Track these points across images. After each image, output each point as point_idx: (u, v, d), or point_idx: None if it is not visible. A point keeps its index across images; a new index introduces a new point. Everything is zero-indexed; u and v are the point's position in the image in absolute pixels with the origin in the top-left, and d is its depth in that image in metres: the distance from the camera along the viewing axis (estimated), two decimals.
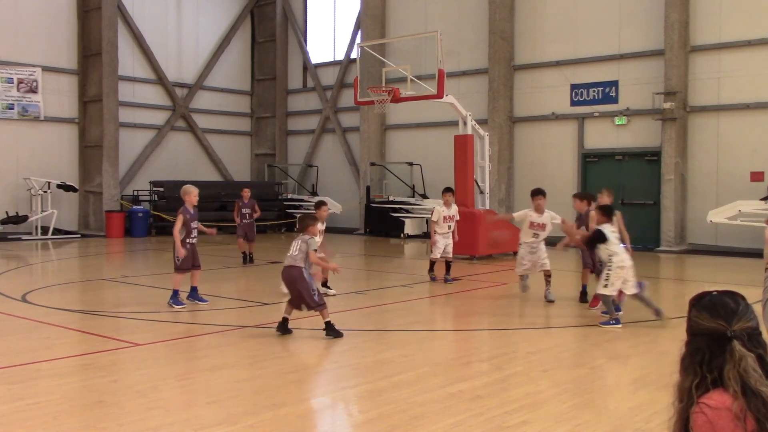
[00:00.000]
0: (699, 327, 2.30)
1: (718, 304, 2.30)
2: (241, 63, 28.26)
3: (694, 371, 2.27)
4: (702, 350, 2.26)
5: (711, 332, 2.26)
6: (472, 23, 22.20)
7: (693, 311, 2.34)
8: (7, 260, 16.38)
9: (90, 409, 5.55)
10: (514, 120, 21.63)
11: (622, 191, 19.85)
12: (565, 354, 7.59)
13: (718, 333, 2.25)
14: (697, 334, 2.30)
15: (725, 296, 2.33)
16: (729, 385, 2.17)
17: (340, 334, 7.98)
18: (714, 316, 2.27)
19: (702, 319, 2.29)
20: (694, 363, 2.27)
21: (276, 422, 5.21)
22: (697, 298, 2.36)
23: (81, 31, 23.43)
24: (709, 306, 2.31)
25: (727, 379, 2.18)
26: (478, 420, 5.19)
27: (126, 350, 7.58)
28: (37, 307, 9.91)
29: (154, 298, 11.00)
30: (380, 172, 24.52)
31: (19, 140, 22.14)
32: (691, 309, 2.35)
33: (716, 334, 2.25)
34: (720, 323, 2.25)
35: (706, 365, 2.24)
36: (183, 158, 26.23)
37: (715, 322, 2.26)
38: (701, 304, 2.33)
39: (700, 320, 2.30)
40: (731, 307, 2.28)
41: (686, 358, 2.32)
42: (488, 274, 14.13)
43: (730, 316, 2.25)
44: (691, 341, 2.32)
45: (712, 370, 2.22)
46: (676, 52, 18.10)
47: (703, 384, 2.23)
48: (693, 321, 2.33)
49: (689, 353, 2.31)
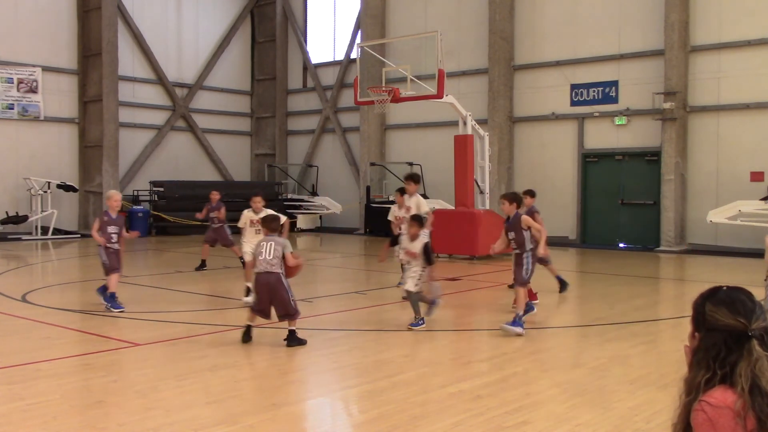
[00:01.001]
0: (717, 322, 2.25)
1: (737, 301, 2.26)
2: (241, 63, 28.26)
3: (707, 366, 2.23)
4: (718, 346, 2.22)
5: (730, 329, 2.22)
6: (472, 23, 22.20)
7: (708, 305, 2.29)
8: (7, 260, 16.38)
9: (90, 409, 5.55)
10: (514, 120, 21.63)
11: (622, 191, 19.87)
12: (565, 354, 7.59)
13: (737, 330, 2.21)
14: (714, 330, 2.25)
15: (740, 293, 2.29)
16: (738, 382, 2.15)
17: (303, 342, 7.63)
18: (733, 313, 2.23)
19: (720, 315, 2.25)
20: (708, 358, 2.23)
21: (276, 422, 5.21)
22: (711, 292, 2.32)
23: (81, 31, 23.44)
24: (727, 301, 2.27)
25: (738, 376, 2.16)
26: (478, 420, 5.19)
27: (126, 350, 7.58)
28: (37, 307, 9.90)
29: (154, 298, 11.00)
30: (380, 172, 24.52)
31: (19, 140, 22.14)
32: (705, 303, 2.30)
33: (735, 332, 2.22)
34: (740, 320, 2.22)
35: (720, 361, 2.21)
36: (183, 158, 26.23)
37: (735, 319, 2.23)
38: (717, 298, 2.29)
39: (718, 315, 2.25)
40: (749, 306, 2.25)
41: (699, 353, 2.27)
42: (488, 274, 14.13)
43: (749, 314, 2.23)
44: (706, 336, 2.27)
45: (725, 366, 2.20)
46: (676, 52, 18.10)
47: (713, 380, 2.21)
48: (709, 315, 2.27)
49: (704, 348, 2.26)
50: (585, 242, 20.31)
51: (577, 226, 20.51)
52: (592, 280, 13.96)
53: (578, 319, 9.84)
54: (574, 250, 19.19)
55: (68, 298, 11.00)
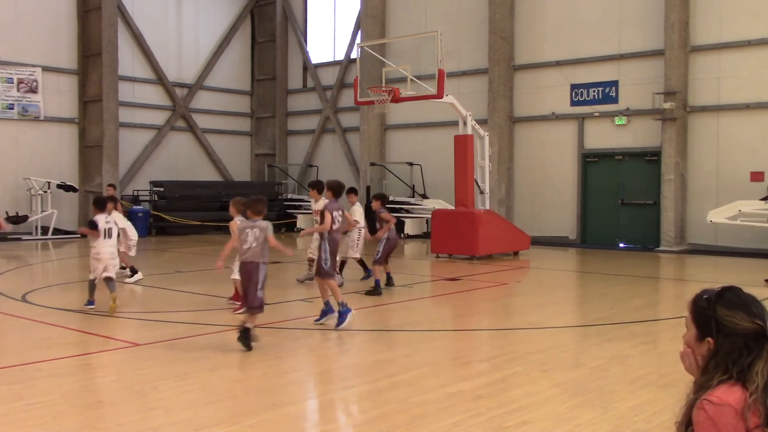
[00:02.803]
0: (736, 326, 2.24)
1: (750, 303, 2.27)
2: (241, 63, 28.26)
3: (724, 369, 2.23)
4: (739, 350, 2.23)
5: (749, 332, 2.23)
6: (472, 23, 22.20)
7: (721, 309, 2.27)
8: (7, 260, 16.38)
9: (90, 409, 5.55)
10: (514, 120, 21.63)
11: (622, 191, 19.87)
12: (565, 354, 7.59)
13: (756, 333, 2.22)
14: (734, 335, 2.25)
15: (743, 293, 2.30)
16: (754, 380, 2.16)
17: (248, 345, 7.27)
18: (750, 316, 2.24)
19: (738, 319, 2.25)
20: (727, 362, 2.23)
21: (276, 422, 5.21)
22: (718, 295, 2.31)
23: (81, 31, 23.43)
24: (740, 304, 2.27)
25: (755, 375, 2.17)
26: (478, 420, 5.19)
27: (126, 350, 7.58)
28: (37, 307, 9.90)
29: (154, 299, 11.00)
30: (380, 172, 24.51)
31: (19, 140, 22.14)
32: (714, 307, 2.29)
33: (754, 334, 2.23)
34: (758, 323, 2.23)
35: (738, 364, 2.22)
36: (183, 158, 26.23)
37: (753, 323, 2.23)
38: (727, 301, 2.28)
39: (737, 320, 2.25)
40: (760, 306, 2.26)
41: (718, 357, 2.26)
42: (488, 274, 14.13)
43: (763, 314, 2.24)
44: (725, 341, 2.25)
45: (740, 366, 2.21)
46: (676, 52, 18.10)
47: (727, 380, 2.22)
48: (727, 321, 2.26)
49: (724, 353, 2.25)
50: (585, 242, 20.31)
51: (577, 226, 20.51)
52: (592, 280, 13.96)
53: (578, 319, 9.84)
54: (574, 250, 19.19)
55: (68, 298, 10.99)
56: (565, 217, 20.65)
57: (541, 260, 16.59)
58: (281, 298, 11.34)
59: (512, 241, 17.39)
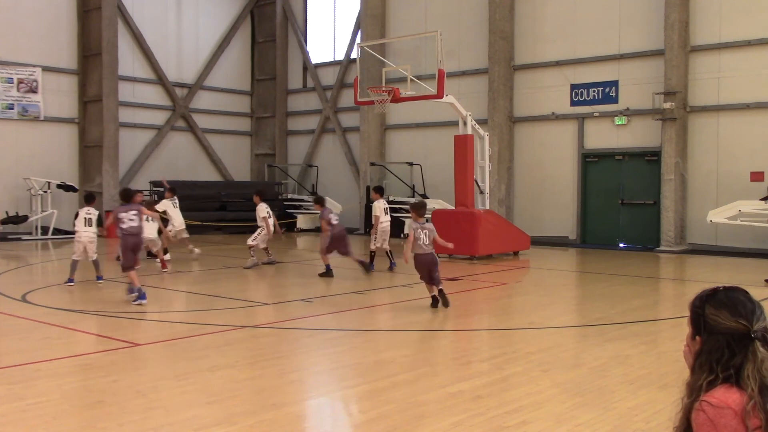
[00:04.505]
0: (719, 325, 2.24)
1: (738, 303, 2.25)
2: (241, 63, 28.26)
3: (709, 369, 2.22)
4: (721, 349, 2.21)
5: (732, 332, 2.21)
6: (472, 23, 22.20)
7: (708, 308, 2.27)
8: (7, 260, 16.38)
9: (90, 409, 5.55)
10: (514, 120, 21.63)
11: (622, 191, 19.87)
12: (565, 354, 7.59)
13: (739, 333, 2.20)
14: (716, 333, 2.24)
15: (739, 293, 2.28)
16: (747, 384, 2.15)
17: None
18: (735, 315, 2.22)
19: (722, 318, 2.23)
20: (711, 361, 2.22)
21: (276, 422, 5.21)
22: (710, 294, 2.30)
23: (81, 31, 23.44)
24: (727, 303, 2.25)
25: (746, 378, 2.15)
26: (478, 420, 5.19)
27: (126, 350, 7.58)
28: (37, 307, 9.91)
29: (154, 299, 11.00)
30: (380, 172, 24.51)
31: (19, 140, 22.14)
32: (704, 305, 2.28)
33: (737, 334, 2.21)
34: (742, 323, 2.21)
35: (723, 364, 2.20)
36: (183, 158, 26.23)
37: (737, 322, 2.21)
38: (717, 300, 2.27)
39: (720, 318, 2.24)
40: (750, 307, 2.24)
41: (702, 356, 2.26)
42: (488, 274, 14.13)
43: (750, 315, 2.21)
44: (708, 340, 2.25)
45: (728, 369, 2.19)
46: (676, 52, 18.10)
47: (715, 382, 2.20)
48: (711, 319, 2.25)
49: (707, 351, 2.25)
50: (585, 242, 20.31)
51: (577, 226, 20.51)
52: (592, 280, 13.95)
53: (578, 319, 9.84)
54: (574, 250, 19.19)
55: (68, 298, 11.00)
56: (565, 217, 20.65)
57: (541, 260, 16.59)
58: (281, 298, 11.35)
59: (512, 241, 17.39)
